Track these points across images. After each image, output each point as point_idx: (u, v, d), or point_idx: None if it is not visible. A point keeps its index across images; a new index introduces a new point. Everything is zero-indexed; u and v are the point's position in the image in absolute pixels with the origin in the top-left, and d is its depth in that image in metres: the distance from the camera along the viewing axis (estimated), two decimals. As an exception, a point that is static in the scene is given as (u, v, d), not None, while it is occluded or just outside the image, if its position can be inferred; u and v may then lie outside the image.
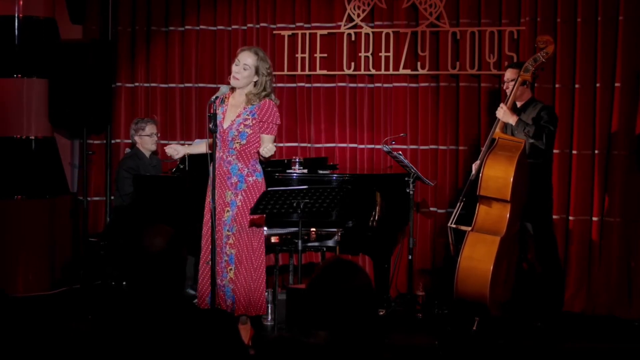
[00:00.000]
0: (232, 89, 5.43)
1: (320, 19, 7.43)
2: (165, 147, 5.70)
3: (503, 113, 5.96)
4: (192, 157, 6.10)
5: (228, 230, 5.35)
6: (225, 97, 5.43)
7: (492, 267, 5.74)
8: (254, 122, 5.33)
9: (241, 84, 5.35)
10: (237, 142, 5.33)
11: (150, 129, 7.06)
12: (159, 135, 7.19)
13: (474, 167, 6.17)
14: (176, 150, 5.55)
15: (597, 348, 5.84)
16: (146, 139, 7.06)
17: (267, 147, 5.25)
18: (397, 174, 6.73)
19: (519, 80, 6.01)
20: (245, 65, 5.31)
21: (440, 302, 6.52)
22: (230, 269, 5.35)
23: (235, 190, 5.35)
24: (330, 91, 7.43)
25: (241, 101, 5.40)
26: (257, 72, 5.32)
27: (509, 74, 6.21)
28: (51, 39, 7.36)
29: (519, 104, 6.16)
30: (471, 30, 7.05)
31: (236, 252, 5.34)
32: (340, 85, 7.39)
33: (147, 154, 7.08)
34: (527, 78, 6.02)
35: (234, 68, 5.36)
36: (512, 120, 5.94)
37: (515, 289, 6.04)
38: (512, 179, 5.75)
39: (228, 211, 5.35)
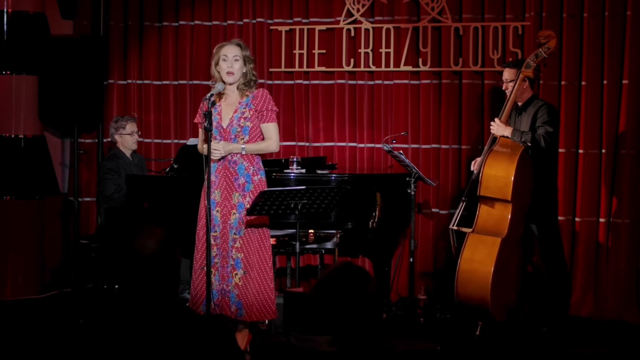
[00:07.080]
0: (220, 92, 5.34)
1: (318, 13, 7.40)
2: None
3: (497, 127, 5.96)
4: (187, 156, 6.04)
5: (235, 234, 5.25)
6: (216, 99, 5.30)
7: (492, 270, 5.71)
8: (251, 113, 5.27)
9: (237, 76, 5.28)
10: (241, 139, 5.26)
11: (130, 127, 7.02)
12: (139, 133, 7.12)
13: (474, 164, 6.12)
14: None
15: (604, 353, 5.80)
16: (127, 138, 6.98)
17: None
18: (398, 174, 6.69)
19: (520, 77, 5.98)
20: (235, 56, 5.26)
21: (443, 306, 6.52)
22: (236, 274, 5.23)
23: (242, 192, 5.27)
24: (329, 88, 7.38)
25: (234, 97, 5.34)
26: (245, 62, 5.29)
27: (507, 74, 6.17)
28: (41, 35, 7.34)
29: (520, 103, 6.14)
30: (474, 26, 7.00)
31: (244, 256, 5.23)
32: (340, 82, 7.35)
33: (128, 152, 7.02)
34: (528, 74, 5.98)
35: (223, 65, 5.28)
36: (507, 132, 5.92)
37: (520, 293, 6.00)
38: (512, 178, 5.73)
39: (234, 213, 5.25)
